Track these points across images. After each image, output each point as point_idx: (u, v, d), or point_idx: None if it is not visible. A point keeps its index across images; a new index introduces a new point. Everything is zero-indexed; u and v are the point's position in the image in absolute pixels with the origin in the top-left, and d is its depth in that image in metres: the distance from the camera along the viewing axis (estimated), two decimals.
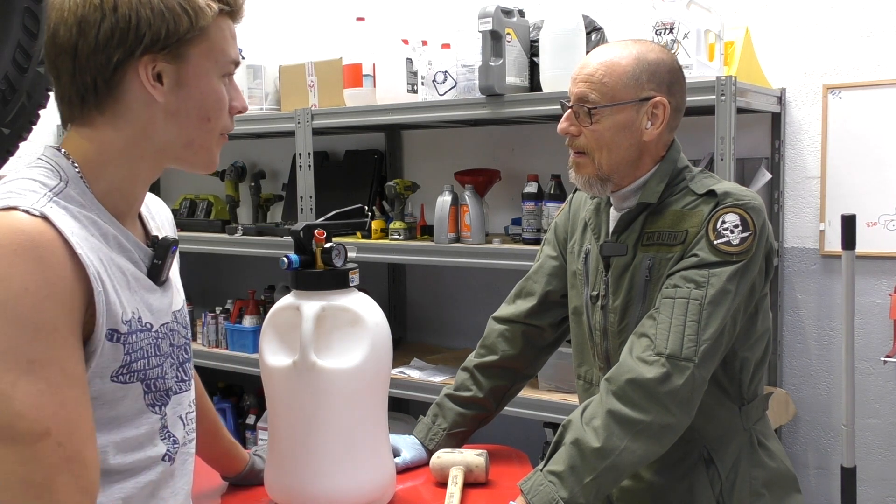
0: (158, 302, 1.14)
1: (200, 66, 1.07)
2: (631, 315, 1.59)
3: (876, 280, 2.58)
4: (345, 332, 1.49)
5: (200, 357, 3.51)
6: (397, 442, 1.77)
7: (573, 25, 2.52)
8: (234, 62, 1.11)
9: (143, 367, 1.10)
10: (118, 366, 1.05)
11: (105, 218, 1.08)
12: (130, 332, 1.07)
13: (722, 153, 2.25)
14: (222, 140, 1.14)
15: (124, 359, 1.06)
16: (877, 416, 2.62)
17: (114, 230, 1.08)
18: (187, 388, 1.22)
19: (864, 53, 2.56)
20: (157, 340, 1.13)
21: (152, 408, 1.12)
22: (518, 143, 3.13)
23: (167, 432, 1.15)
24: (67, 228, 0.99)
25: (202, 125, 1.10)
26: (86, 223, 1.04)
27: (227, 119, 1.12)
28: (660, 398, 1.45)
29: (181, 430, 1.19)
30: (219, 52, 1.09)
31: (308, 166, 3.07)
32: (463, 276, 3.33)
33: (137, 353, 1.08)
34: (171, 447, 1.16)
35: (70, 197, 1.04)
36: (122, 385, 1.07)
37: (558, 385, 2.64)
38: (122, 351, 1.05)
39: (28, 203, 0.98)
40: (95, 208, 1.07)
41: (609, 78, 1.54)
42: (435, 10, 3.28)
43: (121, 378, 1.06)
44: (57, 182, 1.04)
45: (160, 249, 1.15)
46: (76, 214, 1.03)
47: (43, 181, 1.04)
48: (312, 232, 1.52)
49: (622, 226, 1.61)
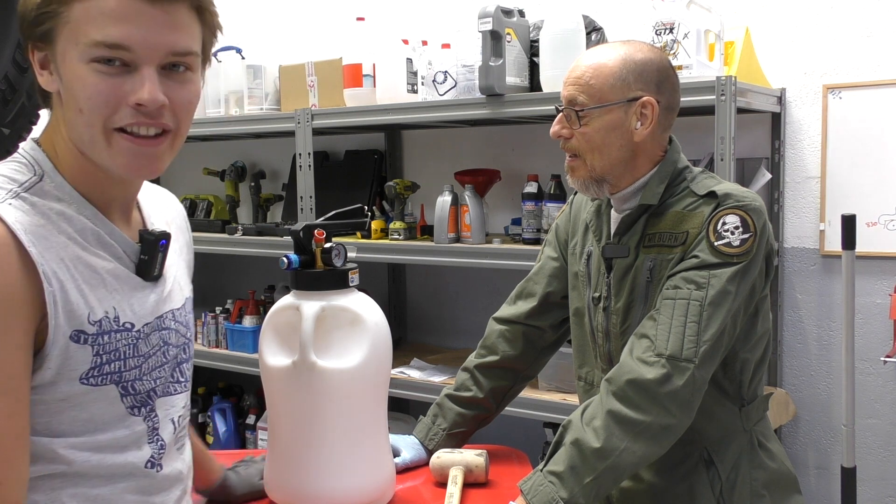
0: (146, 300, 1.10)
1: (65, 52, 0.97)
2: (633, 316, 1.59)
3: (876, 280, 2.58)
4: (345, 332, 1.49)
5: (200, 357, 3.50)
6: (397, 442, 1.77)
7: (573, 25, 2.52)
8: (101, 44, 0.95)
9: (118, 368, 1.05)
10: (87, 367, 1.01)
11: (86, 212, 1.03)
12: (101, 333, 1.02)
13: (722, 153, 2.25)
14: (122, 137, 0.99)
15: (94, 360, 1.02)
16: (877, 416, 2.62)
17: (94, 224, 1.04)
18: (182, 389, 1.18)
19: (864, 53, 2.56)
20: (136, 341, 1.07)
21: (132, 411, 1.08)
22: (518, 143, 3.13)
23: (156, 436, 1.11)
24: (21, 226, 0.95)
25: (77, 117, 0.98)
26: (56, 219, 1.00)
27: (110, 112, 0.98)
28: (660, 399, 1.45)
29: (170, 434, 1.14)
30: (80, 33, 0.95)
31: (308, 166, 3.07)
32: (463, 276, 3.33)
33: (110, 355, 1.04)
34: (156, 451, 1.11)
35: (43, 191, 1.01)
36: (93, 387, 1.02)
37: (558, 385, 2.64)
38: (91, 352, 1.01)
39: None
40: (76, 201, 1.03)
41: (596, 80, 1.55)
42: (435, 10, 3.28)
43: (91, 380, 1.02)
44: (29, 177, 1.01)
45: (147, 245, 1.10)
46: (45, 210, 0.99)
47: (11, 177, 1.01)
48: (312, 232, 1.52)
49: (623, 227, 1.61)
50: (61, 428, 1.02)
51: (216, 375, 3.75)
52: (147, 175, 1.05)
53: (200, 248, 3.44)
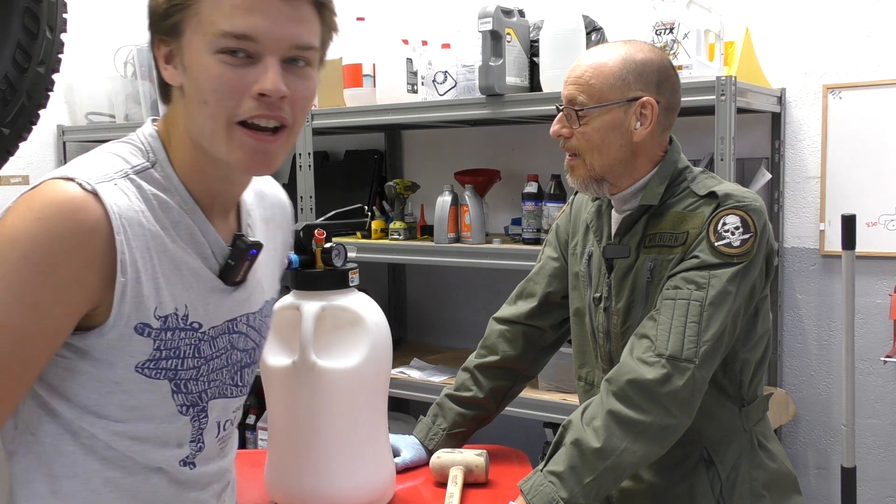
0: (221, 303, 1.10)
1: (193, 43, 0.99)
2: (634, 317, 1.59)
3: (876, 280, 2.58)
4: (345, 332, 1.49)
5: None
6: (397, 442, 1.77)
7: (573, 25, 2.52)
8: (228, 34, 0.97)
9: (175, 366, 1.05)
10: (145, 359, 1.02)
11: (187, 206, 1.04)
12: (165, 329, 1.03)
13: (722, 153, 2.25)
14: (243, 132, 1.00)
15: (153, 353, 1.02)
16: (877, 416, 2.62)
17: (191, 219, 1.05)
18: (239, 393, 1.17)
19: (864, 53, 2.56)
20: (199, 342, 1.07)
21: (182, 409, 1.08)
22: (518, 143, 3.13)
23: (199, 437, 1.11)
24: (117, 209, 0.96)
25: (202, 109, 1.00)
26: (156, 207, 1.01)
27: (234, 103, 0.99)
28: (660, 399, 1.45)
29: (213, 437, 1.14)
30: (208, 24, 0.97)
31: (308, 166, 3.07)
32: (463, 276, 3.32)
33: (170, 352, 1.04)
34: (194, 451, 1.11)
35: (152, 178, 1.02)
36: (146, 378, 1.03)
37: (558, 385, 2.64)
38: (152, 346, 1.02)
39: (87, 176, 0.96)
40: (180, 194, 1.04)
41: (596, 79, 1.55)
42: (435, 10, 3.28)
43: (146, 372, 1.03)
44: (142, 161, 1.03)
45: (236, 251, 1.10)
46: (148, 196, 1.01)
47: (126, 157, 1.02)
48: (312, 232, 1.52)
49: (624, 228, 1.61)
50: (108, 410, 1.03)
51: None
52: (262, 171, 1.06)
53: None
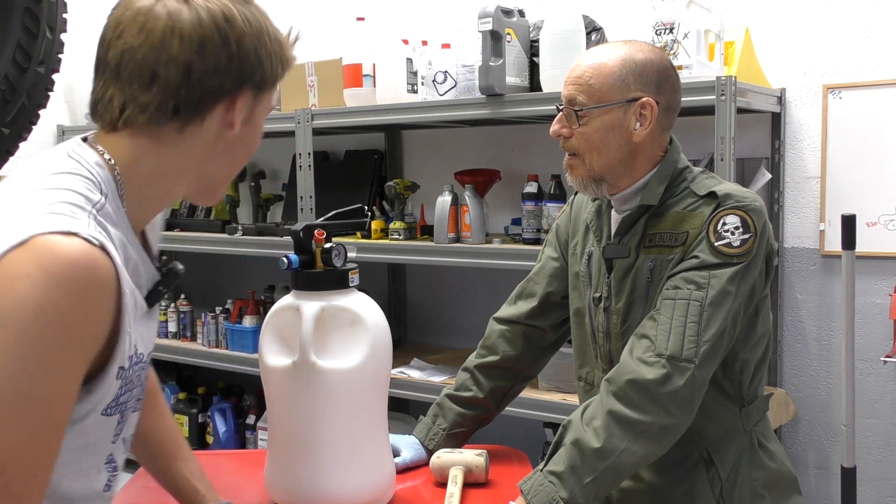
0: (151, 328, 1.09)
1: (264, 109, 1.11)
2: (633, 317, 1.59)
3: (876, 280, 2.58)
4: (345, 332, 1.49)
5: (200, 357, 3.51)
6: (397, 442, 1.77)
7: (573, 25, 2.52)
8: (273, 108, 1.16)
9: (127, 399, 1.03)
10: (111, 400, 0.99)
11: (130, 238, 1.02)
12: (131, 367, 1.01)
13: (722, 153, 2.25)
14: None
15: (117, 393, 1.00)
16: (877, 416, 2.62)
17: (135, 253, 1.02)
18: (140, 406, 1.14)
19: (864, 53, 2.56)
20: (143, 371, 1.07)
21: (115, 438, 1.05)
22: (518, 143, 3.13)
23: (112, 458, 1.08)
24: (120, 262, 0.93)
25: (242, 159, 1.12)
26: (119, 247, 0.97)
27: None
28: (660, 399, 1.45)
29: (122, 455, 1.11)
30: (273, 98, 1.13)
31: (308, 166, 3.07)
32: (463, 276, 3.33)
33: (127, 386, 1.01)
34: (111, 474, 1.08)
35: (107, 214, 0.97)
36: (107, 418, 1.00)
37: (558, 385, 2.64)
38: (118, 385, 0.99)
39: (85, 229, 0.90)
40: (123, 226, 1.00)
41: (595, 80, 1.55)
42: (435, 10, 3.28)
43: (109, 411, 1.00)
44: (98, 198, 0.97)
45: (170, 277, 1.08)
46: (112, 236, 0.96)
47: (87, 195, 0.96)
48: (312, 232, 1.52)
49: (624, 228, 1.61)
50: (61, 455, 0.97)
51: (216, 375, 3.75)
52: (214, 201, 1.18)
53: (200, 248, 3.47)
